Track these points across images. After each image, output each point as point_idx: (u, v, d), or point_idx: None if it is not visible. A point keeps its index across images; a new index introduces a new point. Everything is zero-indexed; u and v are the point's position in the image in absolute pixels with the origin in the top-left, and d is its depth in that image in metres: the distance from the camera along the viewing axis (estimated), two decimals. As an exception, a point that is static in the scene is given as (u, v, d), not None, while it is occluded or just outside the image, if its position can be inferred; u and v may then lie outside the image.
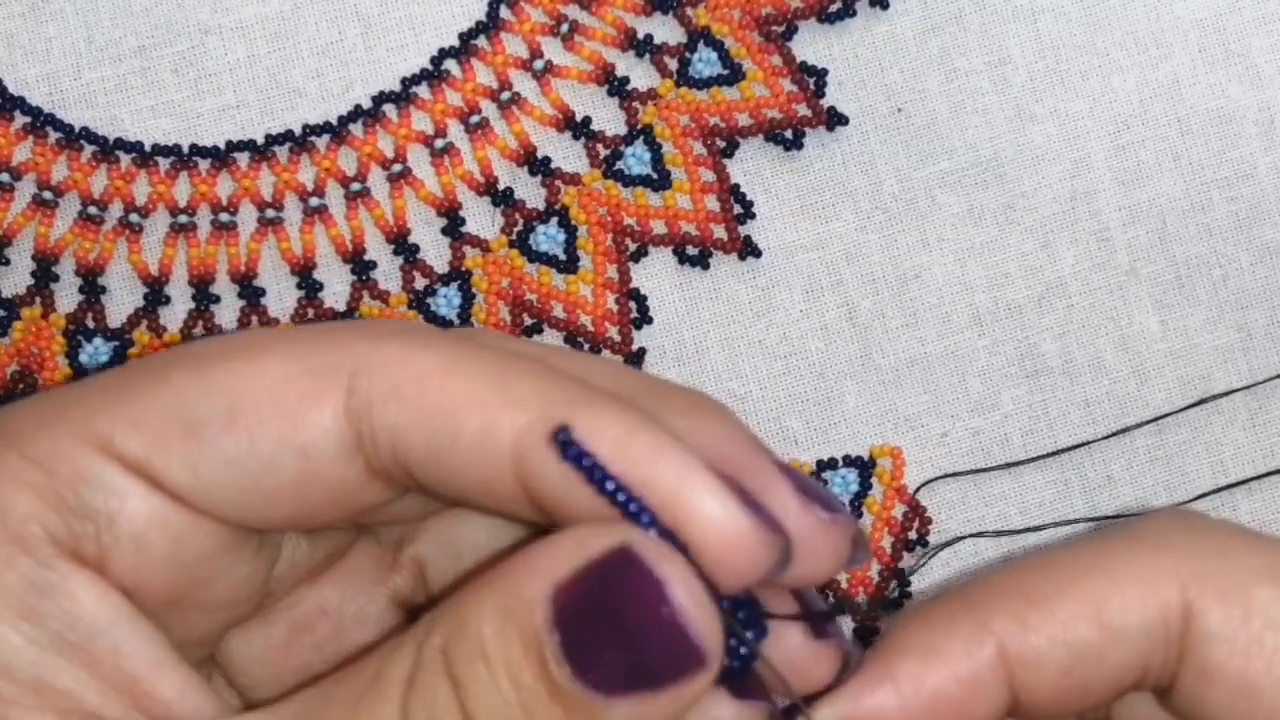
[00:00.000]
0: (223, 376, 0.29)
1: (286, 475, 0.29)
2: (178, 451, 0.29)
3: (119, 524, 0.29)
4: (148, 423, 0.29)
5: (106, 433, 0.29)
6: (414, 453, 0.29)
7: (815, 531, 0.29)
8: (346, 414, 0.29)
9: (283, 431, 0.29)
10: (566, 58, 0.46)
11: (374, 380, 0.29)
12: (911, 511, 0.46)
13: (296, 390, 0.29)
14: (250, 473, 0.29)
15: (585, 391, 0.29)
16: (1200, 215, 0.47)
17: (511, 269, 0.46)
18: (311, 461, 0.29)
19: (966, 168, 0.47)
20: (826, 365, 0.47)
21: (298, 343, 0.30)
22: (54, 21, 0.45)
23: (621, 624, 0.27)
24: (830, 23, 0.46)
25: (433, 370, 0.29)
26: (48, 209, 0.45)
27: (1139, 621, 0.31)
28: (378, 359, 0.29)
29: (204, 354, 0.30)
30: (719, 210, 0.46)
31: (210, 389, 0.29)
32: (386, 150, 0.46)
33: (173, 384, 0.29)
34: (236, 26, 0.46)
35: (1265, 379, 0.47)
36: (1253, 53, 0.47)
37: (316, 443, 0.29)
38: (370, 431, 0.29)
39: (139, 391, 0.29)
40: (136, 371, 0.30)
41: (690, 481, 0.27)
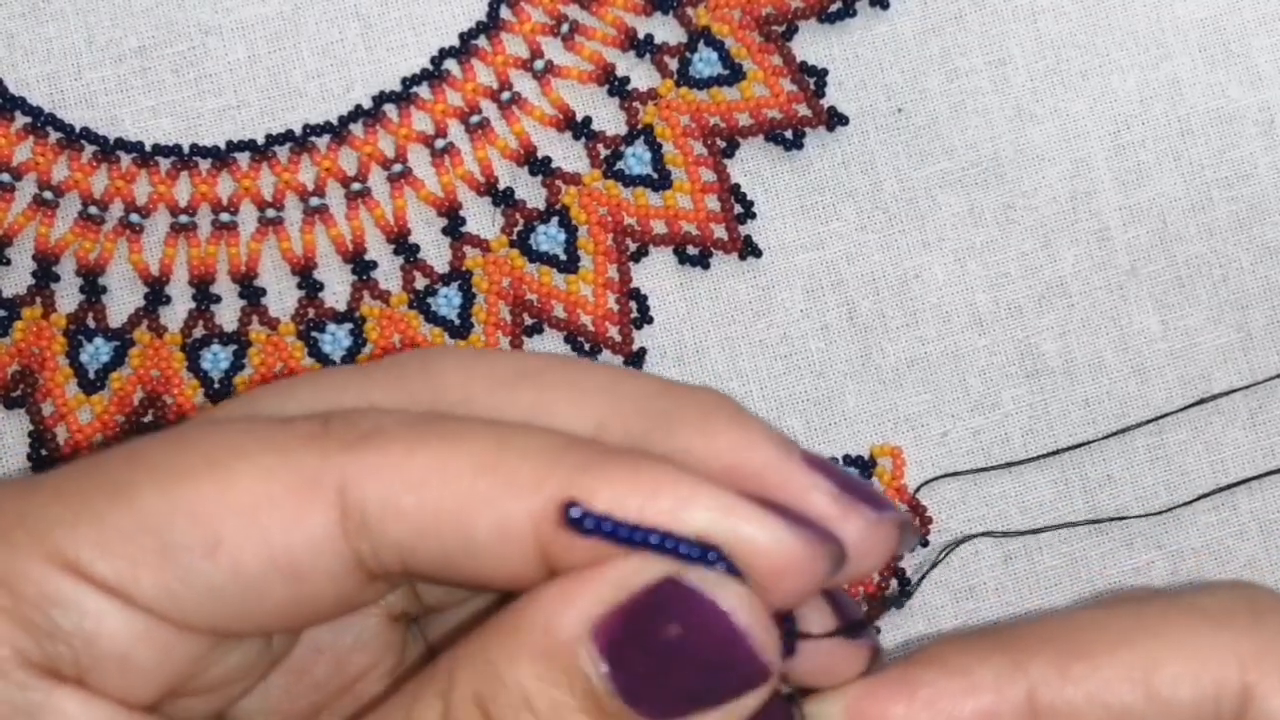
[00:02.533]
0: (196, 498, 0.27)
1: (276, 595, 0.28)
2: (152, 577, 0.27)
3: (98, 644, 0.28)
4: (117, 546, 0.27)
5: (72, 553, 0.27)
6: (423, 561, 0.28)
7: (865, 534, 0.28)
8: (341, 533, 0.28)
9: (269, 556, 0.27)
10: (567, 58, 0.46)
11: (366, 495, 0.27)
12: (912, 511, 0.46)
13: (281, 514, 0.27)
14: (235, 597, 0.28)
15: (590, 454, 0.27)
16: (1200, 215, 0.47)
17: (512, 269, 0.46)
18: (304, 583, 0.28)
19: (967, 168, 0.47)
20: (827, 365, 0.47)
21: (271, 454, 0.28)
22: (54, 22, 0.45)
23: (681, 652, 0.26)
24: (830, 23, 0.46)
25: (427, 475, 0.27)
26: (48, 209, 0.45)
27: (1190, 695, 0.29)
28: (363, 470, 0.27)
29: (169, 467, 0.28)
30: (719, 210, 0.46)
31: (184, 513, 0.27)
32: (387, 150, 0.46)
33: (140, 504, 0.27)
34: (237, 27, 0.46)
35: (1265, 379, 0.47)
36: (1253, 53, 0.47)
37: (308, 564, 0.28)
38: (371, 548, 0.28)
39: (104, 509, 0.28)
40: (98, 480, 0.28)
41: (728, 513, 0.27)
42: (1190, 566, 0.47)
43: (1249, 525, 0.47)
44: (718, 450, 0.28)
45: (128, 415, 0.45)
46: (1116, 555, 0.47)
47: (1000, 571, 0.47)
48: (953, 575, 0.47)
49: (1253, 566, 0.47)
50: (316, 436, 0.28)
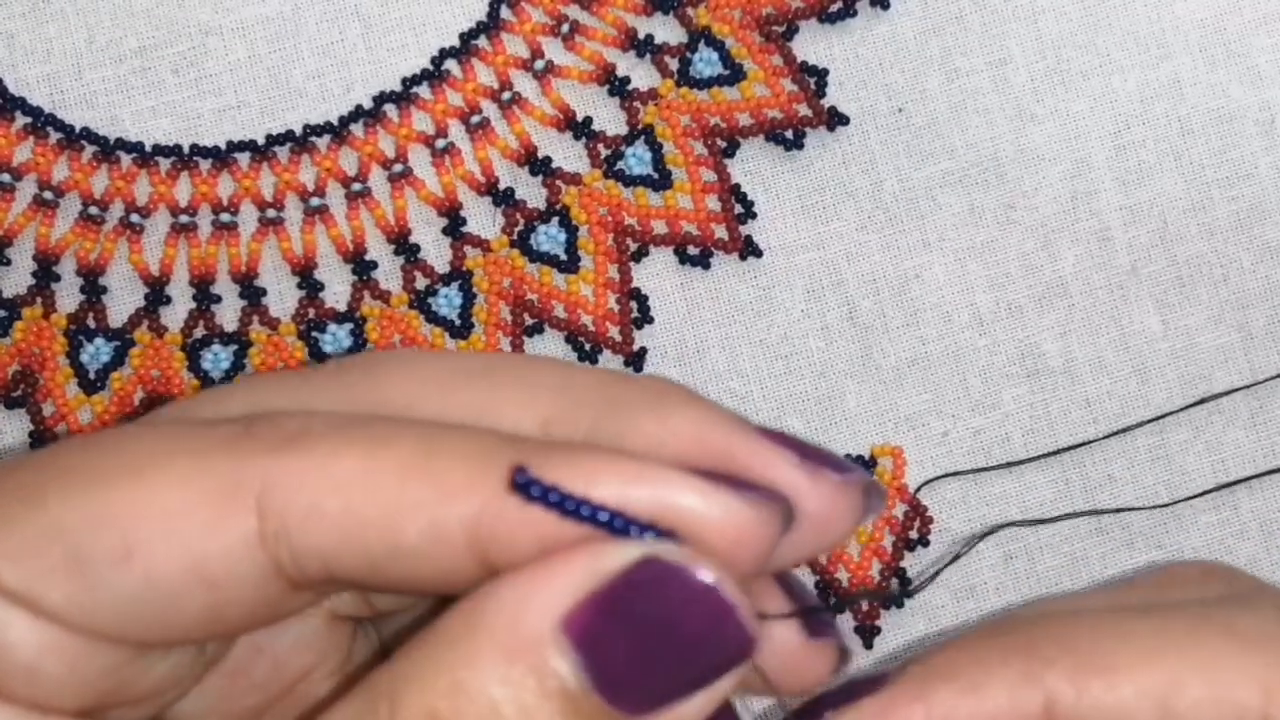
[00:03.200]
0: (107, 504, 0.26)
1: (194, 605, 0.27)
2: (63, 586, 0.26)
3: (6, 655, 0.26)
4: (25, 554, 0.26)
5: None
6: (347, 567, 0.26)
7: (832, 497, 0.27)
8: (260, 539, 0.26)
9: (184, 565, 0.26)
10: (567, 58, 0.46)
11: (286, 500, 0.26)
12: (912, 511, 0.46)
13: (196, 520, 0.26)
14: (150, 606, 0.27)
15: (526, 449, 0.26)
16: (1201, 215, 0.47)
17: (512, 269, 0.46)
18: (222, 590, 0.27)
19: (967, 168, 0.47)
20: (827, 365, 0.47)
21: (189, 458, 0.26)
22: (55, 22, 0.45)
23: (665, 635, 0.25)
24: (831, 23, 0.46)
25: (352, 479, 0.26)
26: (48, 209, 0.45)
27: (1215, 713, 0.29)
28: (284, 474, 0.26)
29: (82, 472, 0.27)
30: (720, 210, 0.46)
31: (95, 519, 0.26)
32: (387, 150, 0.46)
33: (50, 510, 0.26)
34: (237, 27, 0.46)
35: (1266, 379, 0.47)
36: (1254, 53, 0.47)
37: (226, 573, 0.26)
38: (291, 555, 0.26)
39: (14, 515, 0.26)
40: (11, 485, 0.27)
41: (667, 488, 0.26)
42: (1191, 566, 0.47)
43: (1249, 525, 0.47)
44: (672, 430, 0.27)
45: (128, 415, 0.45)
46: (1117, 555, 0.47)
47: (1000, 571, 0.47)
48: (953, 575, 0.47)
49: (1253, 566, 0.47)
50: (237, 439, 0.27)
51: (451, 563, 0.26)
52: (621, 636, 0.25)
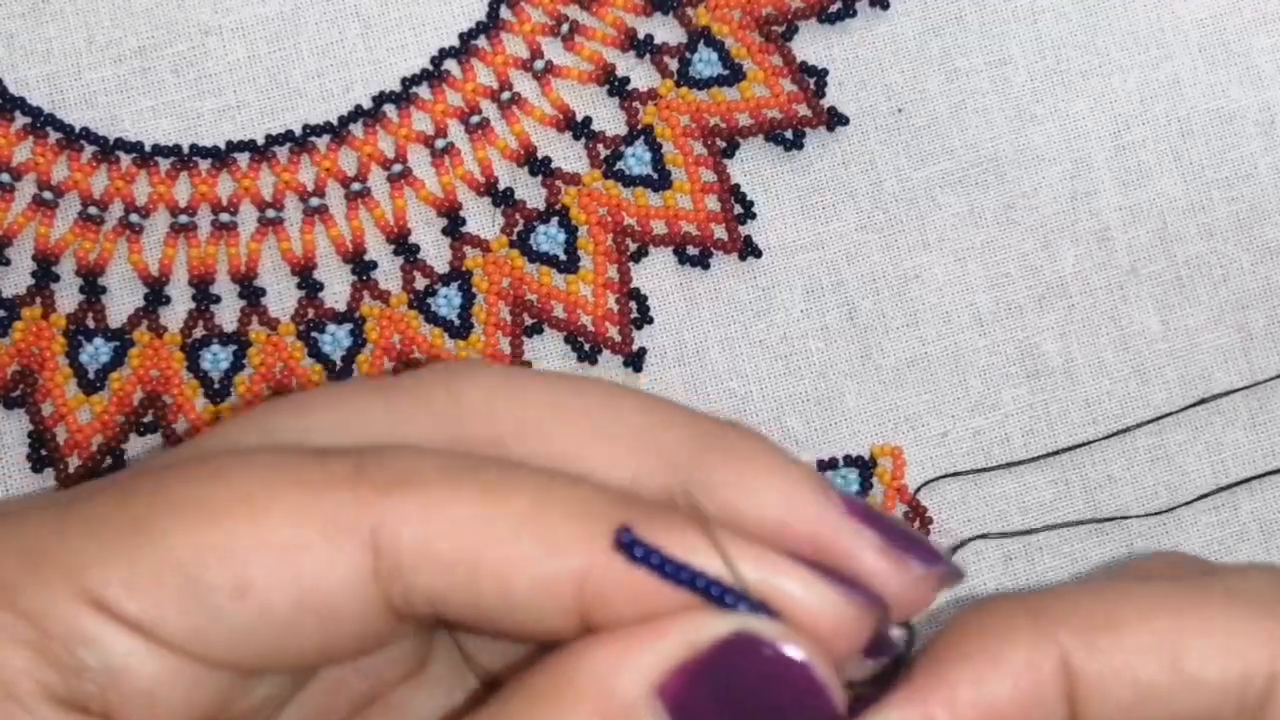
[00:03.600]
0: (227, 539, 0.27)
1: (305, 635, 0.28)
2: (180, 616, 0.27)
3: (125, 682, 0.27)
4: (145, 585, 0.27)
5: (99, 591, 0.27)
6: (455, 608, 0.27)
7: (912, 589, 0.28)
8: (374, 577, 0.27)
9: (299, 598, 0.27)
10: (567, 58, 0.46)
11: (401, 539, 0.27)
12: (912, 511, 0.46)
13: (313, 556, 0.27)
14: (264, 637, 0.27)
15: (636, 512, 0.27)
16: (1201, 215, 0.47)
17: (512, 269, 0.46)
18: (335, 624, 0.28)
19: (967, 168, 0.47)
20: (827, 365, 0.47)
21: (307, 493, 0.27)
22: (54, 22, 0.45)
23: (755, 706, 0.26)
24: (830, 23, 0.46)
25: (466, 525, 0.27)
26: (48, 209, 0.45)
27: (1217, 677, 0.28)
28: (400, 514, 0.27)
29: (198, 504, 0.27)
30: (719, 210, 0.46)
31: (214, 553, 0.27)
32: (387, 150, 0.46)
33: (168, 543, 0.27)
34: (236, 27, 0.46)
35: (1265, 379, 0.47)
36: (1253, 53, 0.47)
37: (338, 606, 0.27)
38: (404, 592, 0.27)
39: (131, 546, 0.27)
40: (127, 516, 0.28)
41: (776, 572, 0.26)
42: (1190, 567, 0.47)
43: (1249, 526, 0.47)
44: (762, 505, 0.28)
45: (127, 415, 0.45)
46: (1117, 556, 0.47)
47: (1000, 572, 0.47)
48: (953, 575, 0.47)
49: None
50: (350, 477, 0.27)
51: (556, 616, 0.27)
52: (712, 706, 0.25)
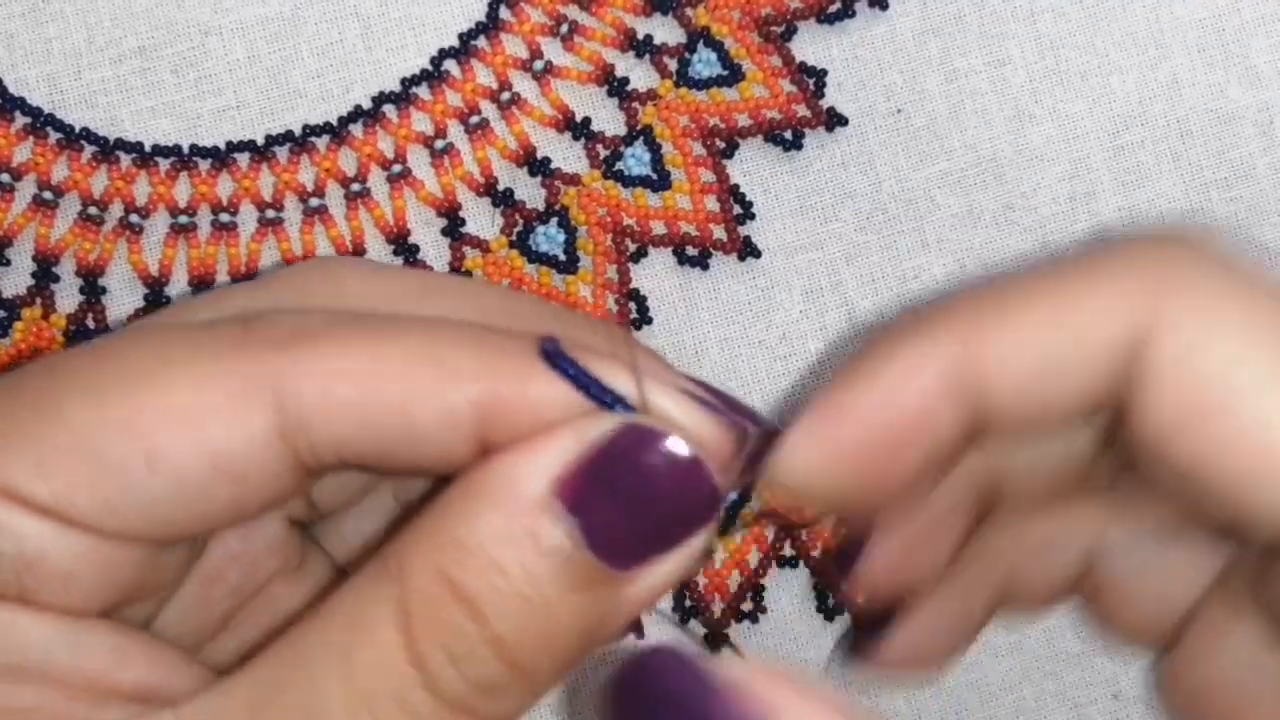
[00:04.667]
0: (133, 411, 0.27)
1: (218, 499, 0.28)
2: (91, 495, 0.27)
3: (40, 566, 0.28)
4: (55, 467, 0.27)
5: (6, 479, 0.27)
6: (361, 452, 0.28)
7: None
8: (279, 432, 0.28)
9: (210, 463, 0.28)
10: (566, 58, 0.46)
11: (303, 395, 0.28)
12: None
13: (218, 419, 0.28)
14: (176, 505, 0.28)
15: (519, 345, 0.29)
16: (1200, 215, 0.47)
17: (511, 269, 0.46)
18: (246, 484, 0.28)
19: (966, 168, 0.47)
20: (826, 365, 0.47)
21: (206, 360, 0.28)
22: (54, 22, 0.45)
23: (647, 494, 0.28)
24: (830, 23, 0.46)
25: (365, 368, 0.28)
26: (48, 209, 0.45)
27: (1107, 335, 0.29)
28: (298, 369, 0.28)
29: (98, 380, 0.28)
30: (718, 211, 0.46)
31: (120, 428, 0.27)
32: (386, 151, 0.46)
33: (74, 421, 0.27)
34: (236, 27, 0.46)
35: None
36: (1252, 53, 0.47)
37: (248, 467, 0.28)
38: (309, 444, 0.28)
39: (36, 430, 0.27)
40: (25, 399, 0.28)
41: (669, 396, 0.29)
42: (1189, 567, 0.47)
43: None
44: None
45: (127, 415, 0.45)
46: (1116, 556, 0.47)
47: (999, 572, 0.47)
48: (952, 576, 0.47)
49: (1252, 567, 0.47)
50: (244, 338, 0.28)
51: (458, 444, 0.28)
52: (608, 498, 0.27)
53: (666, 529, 0.28)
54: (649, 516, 0.28)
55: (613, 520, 0.27)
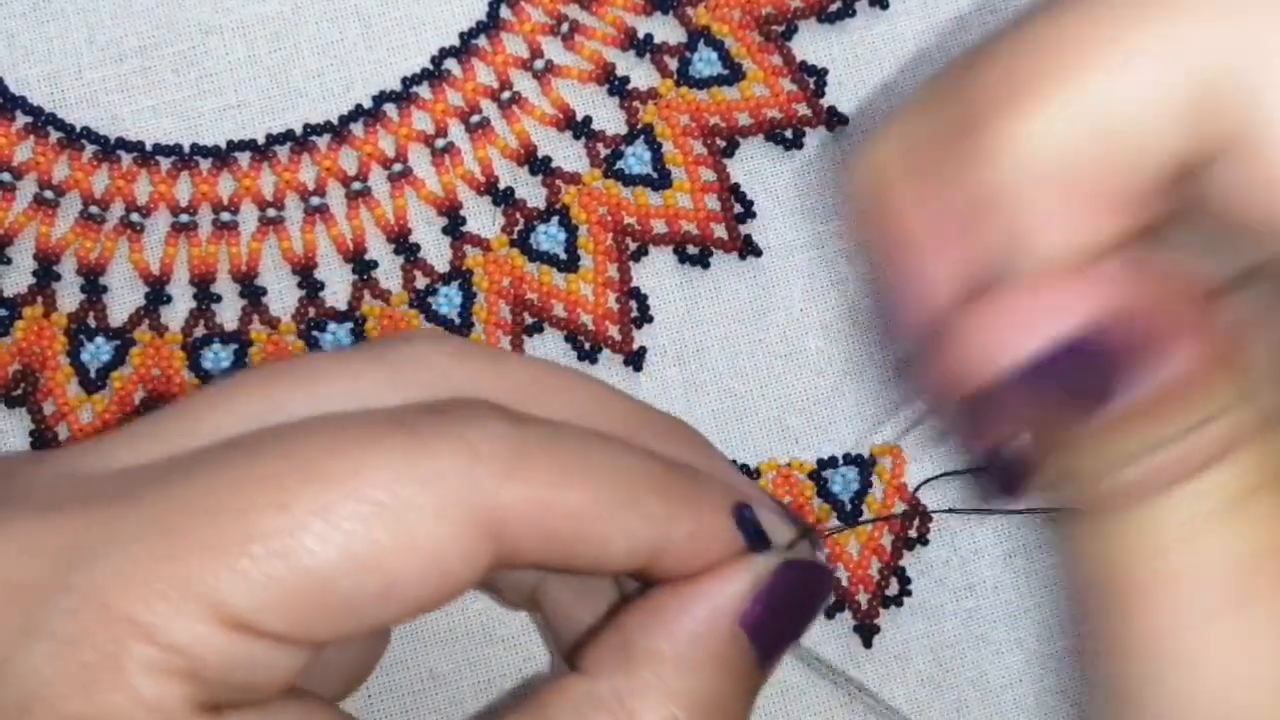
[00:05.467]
0: (372, 550, 0.28)
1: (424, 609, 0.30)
2: (326, 623, 0.29)
3: (262, 681, 0.29)
4: (294, 605, 0.28)
5: (250, 618, 0.28)
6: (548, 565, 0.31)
7: None
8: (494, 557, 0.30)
9: (435, 592, 0.29)
10: (567, 57, 0.46)
11: (525, 529, 0.30)
12: (912, 510, 0.46)
13: (454, 553, 0.29)
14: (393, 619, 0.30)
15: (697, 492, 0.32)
16: (1199, 214, 0.47)
17: (512, 268, 0.46)
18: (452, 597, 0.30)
19: (966, 167, 0.47)
20: (826, 364, 0.47)
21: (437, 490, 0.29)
22: (55, 21, 0.45)
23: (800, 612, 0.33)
24: (830, 22, 0.46)
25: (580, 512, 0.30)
26: (49, 208, 0.45)
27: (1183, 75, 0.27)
28: (521, 502, 0.29)
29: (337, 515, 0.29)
30: (719, 209, 0.46)
31: (361, 567, 0.28)
32: (387, 150, 0.46)
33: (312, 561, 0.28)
34: (237, 26, 0.46)
35: (1264, 377, 0.47)
36: (1251, 52, 0.47)
37: (467, 585, 0.30)
38: (510, 559, 0.30)
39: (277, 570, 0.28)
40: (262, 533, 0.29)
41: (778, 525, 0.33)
42: (1189, 565, 0.47)
43: (1248, 524, 0.47)
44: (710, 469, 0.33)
45: (129, 414, 0.45)
46: (1116, 554, 0.47)
47: (1000, 569, 0.47)
48: (953, 574, 0.47)
49: (1251, 565, 0.47)
50: (470, 467, 0.29)
51: (627, 567, 0.31)
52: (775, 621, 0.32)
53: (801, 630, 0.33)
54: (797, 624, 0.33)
55: (776, 636, 0.32)
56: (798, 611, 0.33)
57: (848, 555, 0.46)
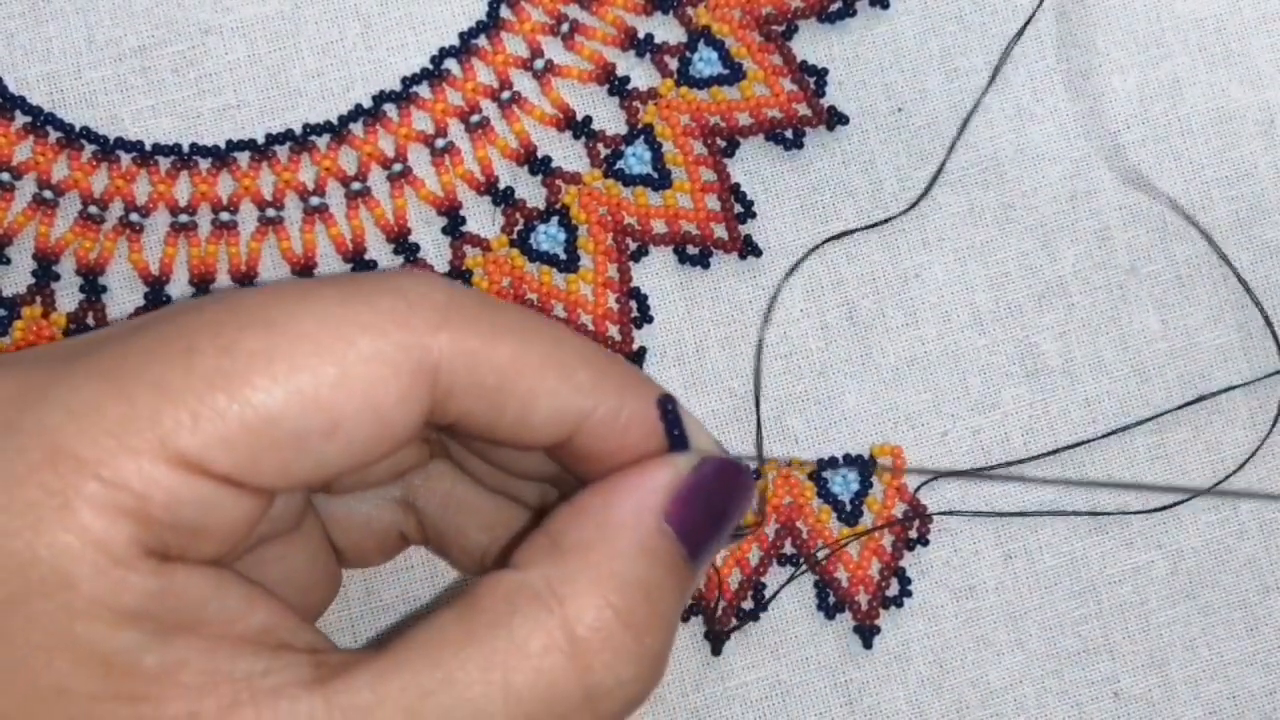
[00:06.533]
0: (316, 388, 0.30)
1: (370, 458, 0.31)
2: (272, 463, 0.30)
3: (212, 526, 0.30)
4: (240, 442, 0.29)
5: (196, 455, 0.29)
6: (476, 423, 0.32)
7: None
8: (432, 403, 0.32)
9: (379, 432, 0.31)
10: (567, 57, 0.46)
11: (457, 375, 0.31)
12: (912, 510, 0.46)
13: (392, 394, 0.31)
14: (341, 464, 0.31)
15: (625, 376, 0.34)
16: (1200, 215, 0.47)
17: (512, 268, 0.46)
18: (395, 445, 0.32)
19: (966, 168, 0.47)
20: (827, 364, 0.47)
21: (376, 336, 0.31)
22: (54, 21, 0.45)
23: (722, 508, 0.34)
24: (830, 22, 0.46)
25: (509, 364, 0.32)
26: (48, 208, 0.45)
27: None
28: (456, 350, 0.31)
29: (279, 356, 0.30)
30: (719, 209, 0.46)
31: (304, 403, 0.30)
32: (387, 149, 0.46)
33: (259, 399, 0.30)
34: (237, 26, 0.46)
35: (1265, 375, 0.47)
36: (1253, 52, 0.47)
37: (404, 433, 0.31)
38: (444, 412, 0.32)
39: (223, 407, 0.29)
40: (206, 376, 0.30)
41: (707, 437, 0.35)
42: (1190, 566, 0.47)
43: (1249, 525, 0.47)
44: None
45: (128, 414, 0.45)
46: (1116, 555, 0.47)
47: (1000, 571, 0.47)
48: (953, 575, 0.47)
49: (1253, 566, 0.47)
50: (406, 316, 0.31)
51: (551, 437, 0.33)
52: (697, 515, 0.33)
53: (724, 529, 0.34)
54: (719, 523, 0.34)
55: (699, 531, 0.33)
56: (720, 509, 0.34)
57: (848, 556, 0.46)
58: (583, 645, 0.31)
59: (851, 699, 0.46)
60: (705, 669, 0.46)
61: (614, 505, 0.33)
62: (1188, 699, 0.47)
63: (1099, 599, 0.47)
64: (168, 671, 0.29)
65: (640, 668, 0.31)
